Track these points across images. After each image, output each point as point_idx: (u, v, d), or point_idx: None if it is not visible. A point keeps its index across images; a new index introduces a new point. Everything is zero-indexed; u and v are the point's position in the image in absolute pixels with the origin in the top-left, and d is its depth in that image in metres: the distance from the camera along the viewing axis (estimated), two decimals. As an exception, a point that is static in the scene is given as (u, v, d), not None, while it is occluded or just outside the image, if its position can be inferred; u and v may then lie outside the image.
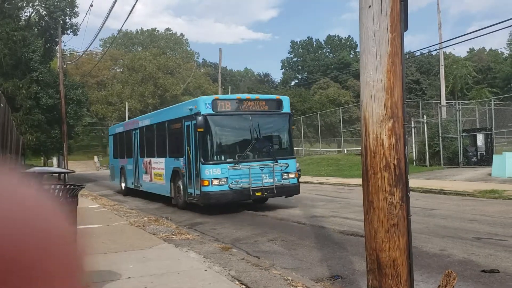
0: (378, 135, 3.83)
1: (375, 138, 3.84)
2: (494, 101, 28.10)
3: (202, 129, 11.84)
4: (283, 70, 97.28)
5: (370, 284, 3.85)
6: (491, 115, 25.69)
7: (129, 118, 65.41)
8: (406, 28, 3.91)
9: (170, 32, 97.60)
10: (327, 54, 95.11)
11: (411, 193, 4.14)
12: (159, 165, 15.54)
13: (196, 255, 6.73)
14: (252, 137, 12.51)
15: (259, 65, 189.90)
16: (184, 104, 14.38)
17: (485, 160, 24.42)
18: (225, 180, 11.90)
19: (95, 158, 74.49)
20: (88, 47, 35.45)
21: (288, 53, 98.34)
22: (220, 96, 13.02)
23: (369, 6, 3.85)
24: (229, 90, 59.08)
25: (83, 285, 0.52)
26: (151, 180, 16.54)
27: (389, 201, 3.78)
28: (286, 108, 13.49)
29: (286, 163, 12.71)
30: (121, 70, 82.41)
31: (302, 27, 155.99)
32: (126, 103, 67.09)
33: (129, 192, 19.70)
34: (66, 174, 8.63)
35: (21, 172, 4.63)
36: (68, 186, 4.41)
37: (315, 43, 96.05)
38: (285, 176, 12.71)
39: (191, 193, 12.74)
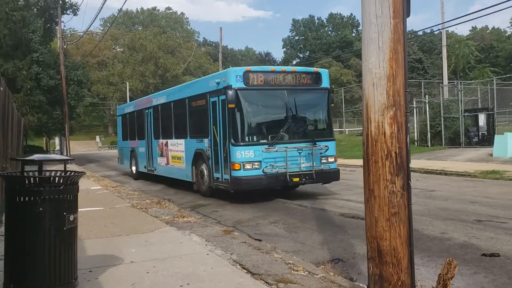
0: (380, 123, 3.80)
1: (376, 126, 3.81)
2: (496, 81, 27.92)
3: (233, 105, 10.54)
4: (284, 49, 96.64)
5: (371, 272, 3.88)
6: (493, 95, 25.58)
7: (130, 98, 65.35)
8: (408, 14, 3.84)
9: (171, 11, 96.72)
10: (329, 32, 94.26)
11: (412, 174, 4.14)
12: (177, 147, 14.25)
13: (198, 239, 6.78)
14: (288, 115, 11.20)
15: (260, 44, 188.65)
16: (209, 77, 12.82)
17: (487, 140, 24.41)
18: (259, 163, 10.74)
19: (97, 138, 74.58)
20: (89, 27, 35.14)
21: (290, 31, 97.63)
22: (252, 67, 11.52)
23: (372, -8, 3.77)
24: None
25: None
26: (167, 163, 15.23)
27: (390, 190, 3.78)
28: (325, 82, 12.02)
29: (325, 146, 11.42)
30: (121, 49, 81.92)
31: (304, 4, 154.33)
32: (127, 83, 66.88)
33: (141, 176, 18.63)
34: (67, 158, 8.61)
35: (21, 160, 4.61)
36: (68, 173, 4.41)
37: (317, 21, 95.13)
38: (324, 160, 11.45)
39: (217, 178, 11.51)
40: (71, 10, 34.26)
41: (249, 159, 10.68)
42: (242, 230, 8.06)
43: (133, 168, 19.38)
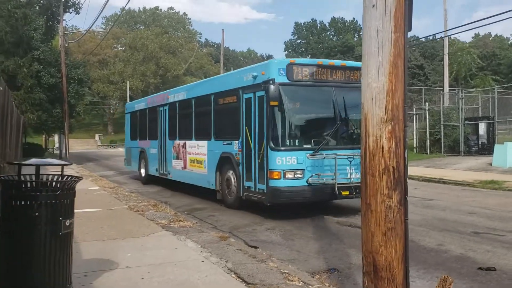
0: (378, 138, 3.79)
1: (374, 140, 3.81)
2: (498, 89, 27.96)
3: (276, 103, 9.16)
4: (286, 52, 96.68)
5: (366, 286, 3.87)
6: (494, 104, 25.60)
7: (130, 97, 65.43)
8: (410, 29, 3.84)
9: (173, 11, 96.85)
10: (331, 36, 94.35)
11: (410, 182, 4.14)
12: (198, 149, 12.70)
13: (193, 244, 6.76)
14: (336, 116, 9.78)
15: (262, 46, 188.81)
16: (242, 71, 11.17)
17: (486, 149, 24.41)
18: (301, 172, 9.33)
19: (96, 136, 74.59)
20: (91, 26, 35.15)
21: (292, 34, 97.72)
22: (297, 60, 9.99)
23: (373, 6, 3.77)
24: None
25: None
26: (184, 167, 13.65)
27: (387, 204, 3.77)
28: None
29: None
30: (123, 49, 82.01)
31: (307, 8, 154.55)
32: (128, 82, 66.90)
33: (151, 181, 16.95)
34: (66, 159, 8.61)
35: (18, 164, 4.60)
36: (65, 178, 4.39)
37: (319, 25, 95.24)
38: None
39: (249, 188, 10.13)
40: (73, 9, 34.30)
41: (291, 167, 9.27)
42: (238, 236, 8.05)
43: (142, 170, 17.71)
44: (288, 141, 9.47)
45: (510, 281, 5.51)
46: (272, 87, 9.20)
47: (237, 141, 10.59)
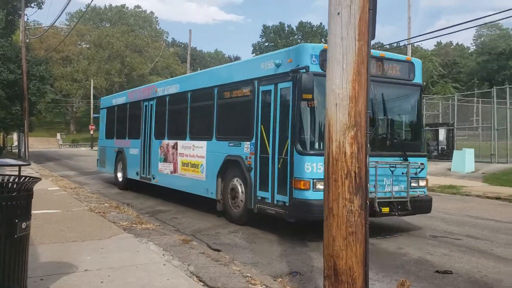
0: (341, 143, 3.85)
1: (338, 146, 3.86)
2: (458, 97, 28.89)
3: (310, 96, 7.45)
4: (253, 54, 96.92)
5: (326, 290, 3.91)
6: (454, 111, 26.44)
7: (94, 96, 64.12)
8: (373, 37, 3.93)
9: (140, 10, 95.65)
10: (299, 40, 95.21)
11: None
12: (194, 150, 11.01)
13: (155, 248, 6.67)
14: (374, 116, 8.11)
15: (230, 48, 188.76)
16: (259, 58, 9.95)
17: (446, 155, 25.16)
18: None
19: (58, 135, 72.72)
20: (54, 22, 34.25)
21: (260, 37, 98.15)
22: None
23: (338, 13, 3.83)
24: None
25: None
26: (174, 171, 11.92)
27: (348, 209, 3.83)
28: (418, 77, 9.10)
29: (421, 163, 8.59)
30: (87, 46, 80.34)
31: (275, 11, 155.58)
32: (92, 80, 65.53)
33: (130, 185, 15.10)
34: (24, 158, 8.36)
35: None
36: (22, 179, 4.26)
37: (287, 28, 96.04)
38: (414, 183, 8.49)
39: (264, 199, 8.55)
40: (35, 3, 33.30)
41: (322, 175, 7.77)
42: (201, 239, 8.00)
43: (119, 174, 15.71)
44: (319, 143, 7.74)
45: (466, 283, 5.69)
46: (305, 76, 7.43)
47: (248, 142, 9.02)
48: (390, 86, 8.59)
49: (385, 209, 7.94)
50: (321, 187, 6.92)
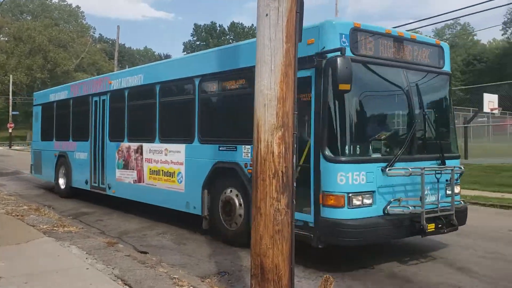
0: (269, 143, 3.91)
1: (266, 145, 3.91)
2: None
3: (348, 87, 5.82)
4: (184, 52, 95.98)
5: (253, 288, 3.94)
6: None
7: (13, 92, 60.38)
8: (300, 39, 4.01)
9: (65, 3, 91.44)
10: (230, 40, 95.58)
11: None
12: (167, 155, 9.10)
13: (78, 251, 6.40)
14: (411, 112, 6.83)
15: (160, 45, 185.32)
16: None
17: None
18: (371, 196, 6.15)
19: (-29, 133, 67.72)
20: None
21: (191, 36, 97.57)
22: (362, 24, 6.49)
23: (266, 15, 3.88)
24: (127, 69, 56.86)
25: None
26: (139, 180, 9.89)
27: (276, 208, 3.89)
28: (447, 64, 7.66)
29: (460, 167, 7.22)
30: (6, 39, 75.54)
31: (207, 10, 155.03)
32: (11, 76, 61.65)
33: (77, 195, 12.86)
34: None
35: None
36: None
37: (218, 28, 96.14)
38: (449, 191, 6.97)
39: None
40: None
41: (360, 188, 6.06)
42: (128, 241, 7.79)
43: (61, 181, 13.47)
44: (352, 147, 6.24)
45: (388, 278, 5.97)
46: (342, 61, 5.78)
47: (248, 146, 7.11)
48: (420, 74, 7.15)
49: (431, 226, 6.46)
50: (359, 202, 5.97)
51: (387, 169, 6.22)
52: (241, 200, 7.41)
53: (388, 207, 6.19)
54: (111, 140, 11.08)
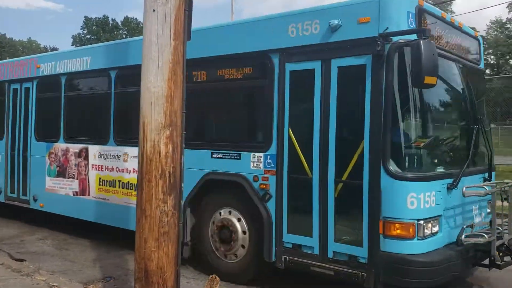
0: (156, 143, 3.81)
1: (152, 145, 3.81)
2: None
3: (434, 80, 4.40)
4: (73, 46, 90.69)
5: (137, 293, 3.82)
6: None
7: None
8: (189, 38, 3.96)
9: None
10: (124, 35, 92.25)
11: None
12: (127, 162, 7.05)
13: None
14: (468, 114, 5.78)
15: (46, 37, 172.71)
16: (287, 16, 5.49)
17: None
18: (437, 221, 4.85)
19: None
20: None
21: (81, 29, 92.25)
22: (425, 4, 5.12)
23: (154, 10, 3.78)
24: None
25: None
26: (83, 193, 7.73)
27: (162, 209, 3.81)
28: (482, 60, 6.56)
29: (507, 183, 5.69)
30: None
31: (99, 3, 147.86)
32: None
33: None
34: None
35: None
36: None
37: (111, 22, 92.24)
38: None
39: (301, 248, 5.20)
40: None
41: (430, 213, 4.75)
42: (2, 249, 7.14)
43: None
44: (422, 160, 5.03)
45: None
46: (427, 46, 4.33)
47: (261, 154, 5.52)
48: (469, 71, 5.92)
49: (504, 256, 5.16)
50: (428, 231, 4.66)
51: (464, 188, 4.98)
52: (245, 225, 5.67)
53: (462, 236, 4.92)
54: (39, 140, 8.75)
